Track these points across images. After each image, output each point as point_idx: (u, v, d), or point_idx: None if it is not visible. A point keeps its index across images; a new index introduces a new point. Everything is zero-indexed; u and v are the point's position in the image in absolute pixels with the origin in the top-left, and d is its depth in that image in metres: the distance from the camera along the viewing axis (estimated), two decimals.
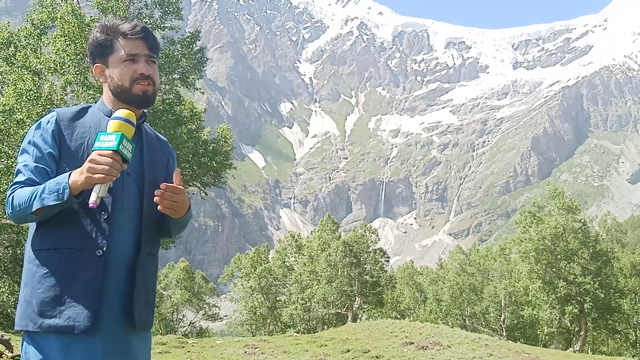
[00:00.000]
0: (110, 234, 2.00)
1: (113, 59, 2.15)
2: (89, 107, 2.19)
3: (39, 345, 1.94)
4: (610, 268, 29.13)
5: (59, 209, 1.92)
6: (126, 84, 2.13)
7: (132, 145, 1.97)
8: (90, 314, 1.93)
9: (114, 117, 2.00)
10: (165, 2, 16.87)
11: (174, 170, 2.19)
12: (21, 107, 13.69)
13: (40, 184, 1.95)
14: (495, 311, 31.90)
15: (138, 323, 2.04)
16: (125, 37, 2.15)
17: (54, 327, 1.92)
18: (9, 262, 16.27)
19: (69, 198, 1.88)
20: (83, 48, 14.05)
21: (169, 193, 1.98)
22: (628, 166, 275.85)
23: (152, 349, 10.94)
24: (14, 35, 15.57)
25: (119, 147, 1.90)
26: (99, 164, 1.87)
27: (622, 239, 48.06)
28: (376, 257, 33.20)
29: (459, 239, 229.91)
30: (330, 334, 17.60)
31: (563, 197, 29.86)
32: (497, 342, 16.46)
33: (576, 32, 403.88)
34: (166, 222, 2.15)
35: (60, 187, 1.88)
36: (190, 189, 19.83)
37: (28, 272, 2.00)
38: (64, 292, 1.94)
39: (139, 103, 2.15)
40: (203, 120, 19.20)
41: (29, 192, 1.91)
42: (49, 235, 1.99)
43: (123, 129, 1.96)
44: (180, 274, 38.09)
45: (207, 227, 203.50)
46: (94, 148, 1.92)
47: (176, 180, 2.07)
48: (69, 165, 2.01)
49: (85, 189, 1.90)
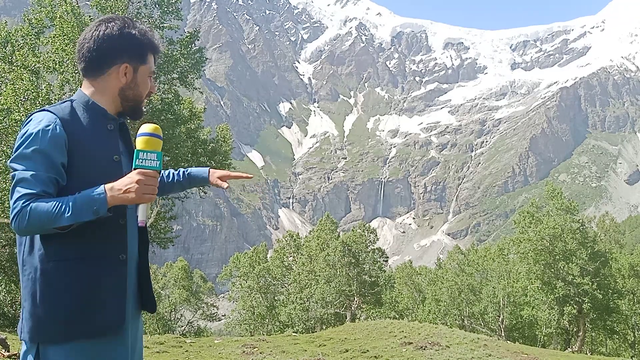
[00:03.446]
0: (126, 238, 2.08)
1: (144, 69, 2.15)
2: (71, 102, 2.10)
3: (67, 354, 1.93)
4: (608, 269, 29.15)
5: (86, 221, 1.91)
6: (143, 97, 2.18)
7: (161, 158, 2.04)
8: (122, 315, 2.03)
9: (145, 134, 1.99)
10: (164, 2, 16.82)
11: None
12: (19, 106, 13.65)
13: (52, 195, 1.89)
14: (494, 311, 31.89)
15: (155, 308, 2.24)
16: (153, 52, 2.19)
17: (88, 334, 1.95)
18: (6, 260, 16.22)
19: (104, 213, 1.89)
20: None
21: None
22: (626, 167, 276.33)
23: (150, 349, 10.84)
24: (11, 35, 15.51)
25: (161, 167, 1.95)
26: (148, 184, 1.89)
27: (620, 239, 48.06)
28: (375, 257, 33.18)
29: (458, 239, 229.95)
30: (328, 334, 17.56)
31: (561, 198, 29.86)
32: (496, 342, 16.45)
33: (574, 34, 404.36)
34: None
35: (96, 204, 1.86)
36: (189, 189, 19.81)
37: (44, 284, 1.94)
38: (94, 299, 1.97)
39: (138, 116, 2.21)
40: (202, 119, 19.19)
41: (52, 206, 1.83)
42: (69, 245, 1.95)
43: (156, 145, 1.98)
44: (179, 273, 38.04)
45: (206, 226, 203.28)
46: (136, 166, 1.92)
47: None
48: (76, 172, 1.97)
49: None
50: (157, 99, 16.71)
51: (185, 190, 2.44)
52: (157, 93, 16.97)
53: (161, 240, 20.15)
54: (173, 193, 2.34)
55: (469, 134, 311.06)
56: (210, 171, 2.45)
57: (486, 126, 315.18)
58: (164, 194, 2.47)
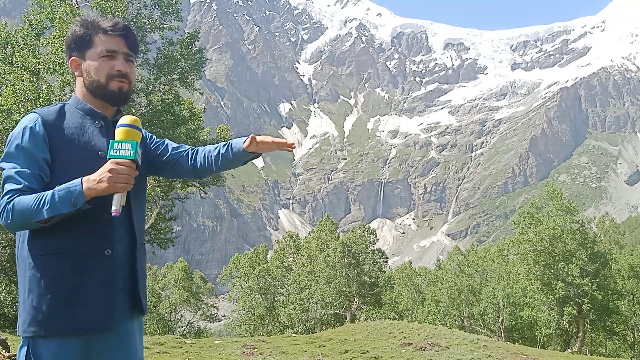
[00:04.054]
0: (114, 233, 2.05)
1: (91, 53, 2.12)
2: (64, 105, 2.16)
3: (55, 349, 1.93)
4: (608, 269, 29.13)
5: (67, 215, 1.92)
6: (102, 79, 2.11)
7: (141, 149, 2.03)
8: (107, 311, 1.99)
9: (122, 125, 2.00)
10: (164, 2, 16.84)
11: (159, 142, 2.29)
12: (19, 107, 13.67)
13: (37, 190, 1.93)
14: (494, 312, 31.87)
15: (145, 309, 2.18)
16: (105, 33, 2.13)
17: (73, 329, 1.94)
18: (6, 261, 16.23)
19: (82, 205, 1.89)
20: None
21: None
22: (626, 167, 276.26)
23: (150, 349, 10.85)
24: (11, 36, 15.54)
25: (136, 156, 1.95)
26: (121, 173, 1.89)
27: (620, 240, 48.06)
28: (374, 257, 33.18)
29: (457, 239, 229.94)
30: (328, 335, 17.58)
31: (561, 198, 29.85)
32: (496, 343, 16.46)
33: (574, 34, 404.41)
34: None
35: (73, 196, 1.87)
36: (189, 189, 19.83)
37: (31, 278, 1.96)
38: (79, 294, 1.96)
39: (114, 100, 2.14)
40: (202, 120, 19.20)
41: (33, 200, 1.88)
42: (54, 240, 1.97)
43: (133, 135, 1.99)
44: (179, 274, 38.04)
45: (206, 227, 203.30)
46: (110, 156, 1.93)
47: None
48: (61, 169, 2.00)
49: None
50: (157, 99, 16.74)
51: (234, 165, 2.28)
52: (157, 94, 17.01)
53: (161, 241, 20.18)
54: (229, 168, 2.28)
55: (469, 135, 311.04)
56: (250, 139, 2.20)
57: (486, 127, 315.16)
58: (221, 170, 2.33)
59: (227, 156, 2.24)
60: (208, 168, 2.26)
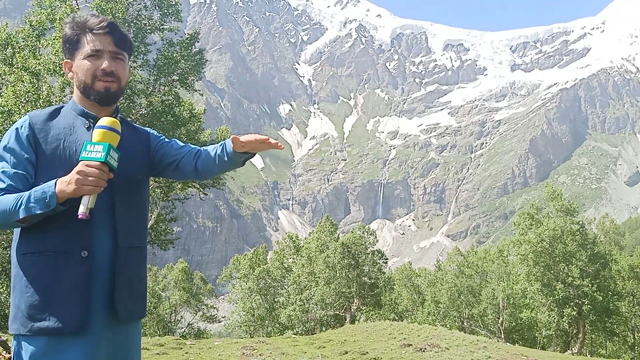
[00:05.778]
0: (92, 234, 2.01)
1: (79, 54, 2.11)
2: (61, 107, 2.16)
3: (29, 349, 1.93)
4: (608, 270, 29.12)
5: (44, 215, 1.92)
6: (88, 80, 2.09)
7: (118, 153, 1.97)
8: (80, 314, 1.94)
9: (98, 126, 1.97)
10: (164, 4, 16.87)
11: (164, 143, 2.27)
12: (19, 108, 13.67)
13: (21, 190, 1.94)
14: (494, 313, 31.87)
15: (122, 316, 2.06)
16: (92, 33, 2.11)
17: (44, 329, 1.92)
18: (7, 262, 16.23)
19: (56, 206, 1.88)
20: None
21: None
22: (626, 168, 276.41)
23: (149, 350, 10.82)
24: (12, 37, 15.54)
25: (106, 159, 1.90)
26: (88, 175, 1.87)
27: (620, 241, 48.11)
28: (374, 258, 33.16)
29: (457, 240, 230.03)
30: (328, 336, 17.57)
31: (561, 199, 29.85)
32: (496, 344, 16.45)
33: (574, 35, 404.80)
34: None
35: (46, 196, 1.87)
36: (189, 190, 19.83)
37: (16, 276, 2.00)
38: (53, 295, 1.94)
39: (101, 100, 2.11)
40: (202, 121, 19.20)
41: (13, 200, 1.89)
42: (33, 240, 1.98)
43: (108, 138, 1.94)
44: (179, 275, 38.02)
45: (206, 228, 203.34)
46: (81, 158, 1.91)
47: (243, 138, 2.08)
48: (46, 169, 2.01)
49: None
50: (157, 100, 16.75)
51: (233, 166, 2.24)
52: (157, 95, 17.02)
53: (161, 242, 20.17)
54: (229, 168, 2.24)
55: (468, 136, 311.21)
56: (232, 140, 2.14)
57: (486, 127, 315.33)
58: (219, 172, 2.30)
59: (222, 157, 2.20)
60: (209, 170, 2.25)
